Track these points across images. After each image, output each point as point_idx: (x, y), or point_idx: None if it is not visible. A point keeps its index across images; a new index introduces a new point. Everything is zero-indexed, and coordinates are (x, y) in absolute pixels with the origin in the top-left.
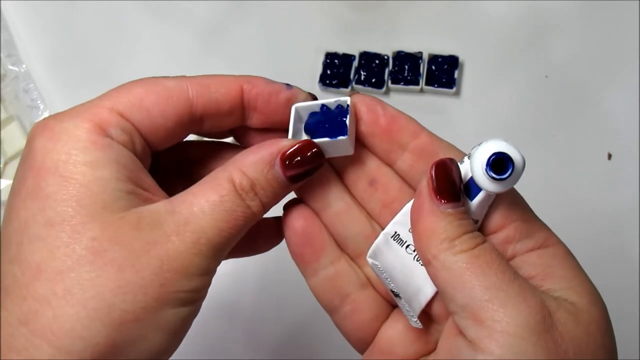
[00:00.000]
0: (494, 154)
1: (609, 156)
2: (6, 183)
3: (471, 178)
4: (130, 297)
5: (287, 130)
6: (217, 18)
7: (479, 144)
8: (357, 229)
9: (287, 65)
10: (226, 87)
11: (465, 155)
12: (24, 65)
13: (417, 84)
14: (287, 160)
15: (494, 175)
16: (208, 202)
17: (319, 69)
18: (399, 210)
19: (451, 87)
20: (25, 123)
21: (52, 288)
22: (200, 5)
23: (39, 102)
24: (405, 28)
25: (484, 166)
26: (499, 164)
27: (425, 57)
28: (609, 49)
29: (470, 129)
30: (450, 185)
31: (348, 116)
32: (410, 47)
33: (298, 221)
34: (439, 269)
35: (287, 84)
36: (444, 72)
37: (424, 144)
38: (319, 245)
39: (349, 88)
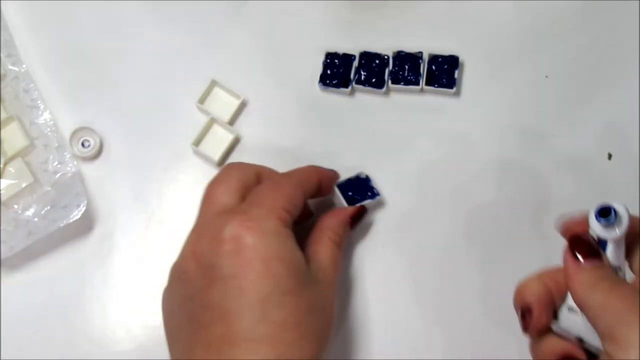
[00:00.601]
0: (600, 206)
1: (609, 156)
2: (6, 183)
3: (599, 238)
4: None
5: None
6: (217, 18)
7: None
8: None
9: (287, 65)
10: (316, 177)
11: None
12: (24, 65)
13: (418, 84)
14: (353, 218)
15: (602, 221)
16: (327, 257)
17: (319, 69)
18: None
19: (451, 87)
20: (25, 123)
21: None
22: (200, 5)
23: (39, 102)
24: (405, 28)
25: (594, 216)
26: (605, 212)
27: (426, 57)
28: (609, 49)
29: (470, 129)
30: (582, 246)
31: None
32: (410, 47)
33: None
34: (587, 309)
35: (332, 170)
36: (444, 72)
37: None
38: None
39: (349, 88)
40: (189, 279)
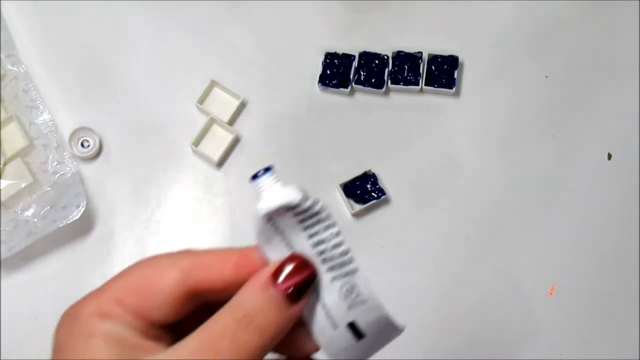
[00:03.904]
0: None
1: (609, 156)
2: (6, 183)
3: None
4: None
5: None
6: (216, 18)
7: None
8: None
9: (287, 65)
10: (219, 264)
11: None
12: (23, 65)
13: (417, 84)
14: (277, 276)
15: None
16: (198, 341)
17: (318, 69)
18: None
19: (451, 87)
20: (24, 123)
21: None
22: (200, 6)
23: (38, 102)
24: (405, 28)
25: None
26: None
27: (425, 57)
28: (609, 49)
29: (470, 129)
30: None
31: None
32: (410, 47)
33: None
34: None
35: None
36: (443, 72)
37: None
38: None
39: (349, 88)
40: None
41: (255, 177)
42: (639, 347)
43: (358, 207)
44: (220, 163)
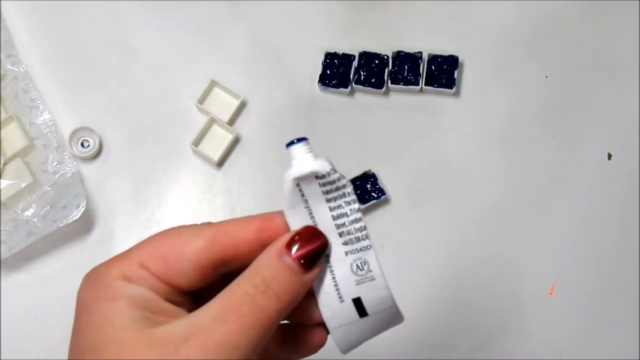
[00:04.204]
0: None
1: (609, 156)
2: (6, 183)
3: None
4: None
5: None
6: (216, 18)
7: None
8: None
9: (287, 65)
10: (243, 229)
11: None
12: (23, 65)
13: (417, 84)
14: (292, 245)
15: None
16: (219, 307)
17: (318, 69)
18: None
19: (451, 87)
20: (24, 123)
21: None
22: (199, 6)
23: (38, 102)
24: (405, 28)
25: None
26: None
27: (425, 57)
28: (609, 49)
29: (470, 129)
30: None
31: None
32: (410, 47)
33: None
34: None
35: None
36: (443, 72)
37: None
38: None
39: (349, 88)
40: None
41: (290, 144)
42: (639, 347)
43: None
44: (220, 163)
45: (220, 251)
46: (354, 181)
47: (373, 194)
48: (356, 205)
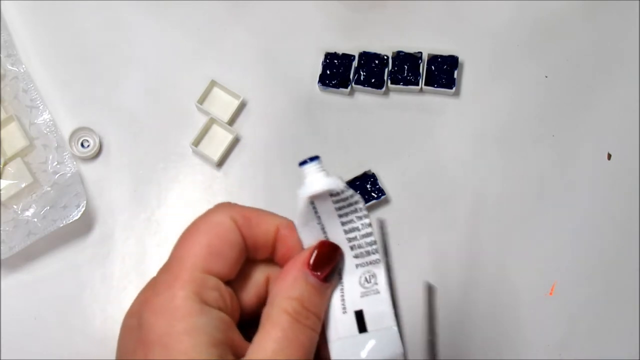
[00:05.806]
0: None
1: (609, 156)
2: (6, 183)
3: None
4: None
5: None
6: (216, 18)
7: None
8: None
9: (287, 65)
10: (266, 224)
11: None
12: (23, 65)
13: (417, 84)
14: (316, 266)
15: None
16: (274, 340)
17: (318, 69)
18: None
19: (451, 88)
20: (24, 123)
21: None
22: (200, 5)
23: (38, 102)
24: (405, 28)
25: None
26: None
27: (425, 57)
28: (609, 49)
29: (470, 130)
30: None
31: None
32: (410, 47)
33: None
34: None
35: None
36: (443, 72)
37: None
38: None
39: (349, 88)
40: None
41: (303, 163)
42: (639, 347)
43: None
44: (220, 163)
45: (252, 236)
46: (354, 181)
47: (373, 194)
48: (367, 220)
